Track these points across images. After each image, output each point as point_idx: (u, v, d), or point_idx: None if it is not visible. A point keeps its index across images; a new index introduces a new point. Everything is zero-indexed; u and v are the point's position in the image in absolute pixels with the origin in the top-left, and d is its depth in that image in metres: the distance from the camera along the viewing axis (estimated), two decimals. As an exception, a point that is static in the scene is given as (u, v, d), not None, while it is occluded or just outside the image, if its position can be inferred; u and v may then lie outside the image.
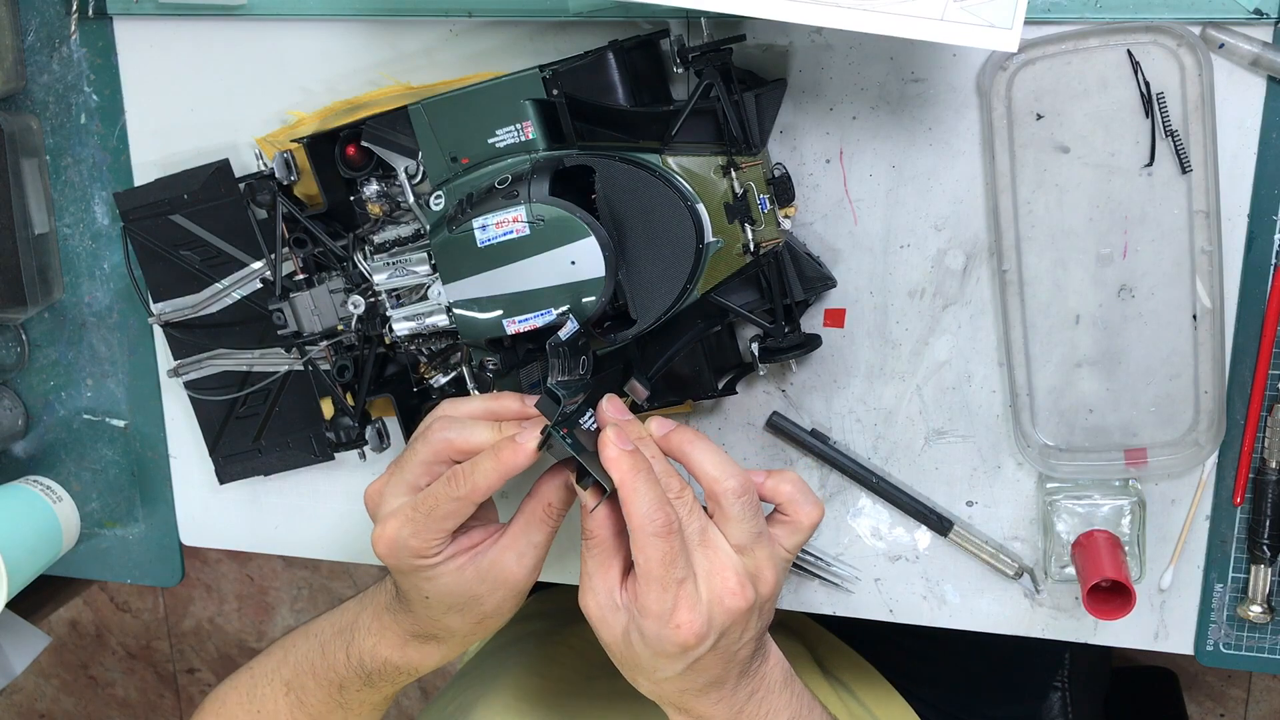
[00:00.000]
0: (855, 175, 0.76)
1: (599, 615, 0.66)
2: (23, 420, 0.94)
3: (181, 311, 0.84)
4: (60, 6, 0.85)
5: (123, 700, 2.14)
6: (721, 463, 0.65)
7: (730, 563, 0.64)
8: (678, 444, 0.66)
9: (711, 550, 0.64)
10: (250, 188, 0.78)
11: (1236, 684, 1.62)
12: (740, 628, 0.64)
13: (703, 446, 0.65)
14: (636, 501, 0.62)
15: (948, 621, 0.83)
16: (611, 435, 0.63)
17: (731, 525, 0.64)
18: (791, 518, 0.68)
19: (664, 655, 0.64)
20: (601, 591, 0.65)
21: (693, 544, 0.63)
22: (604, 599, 0.65)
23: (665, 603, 0.62)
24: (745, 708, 0.67)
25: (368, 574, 1.90)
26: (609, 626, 0.65)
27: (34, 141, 0.87)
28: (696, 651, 0.63)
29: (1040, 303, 0.74)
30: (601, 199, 0.67)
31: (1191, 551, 0.78)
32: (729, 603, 0.63)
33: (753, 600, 0.64)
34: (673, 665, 0.64)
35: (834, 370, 0.79)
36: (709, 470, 0.64)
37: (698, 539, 0.64)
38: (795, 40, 0.74)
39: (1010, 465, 0.79)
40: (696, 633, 0.62)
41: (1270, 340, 0.73)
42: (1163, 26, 0.68)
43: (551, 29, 0.77)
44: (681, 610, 0.62)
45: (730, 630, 0.64)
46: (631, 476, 0.62)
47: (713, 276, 0.69)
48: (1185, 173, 0.70)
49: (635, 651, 0.65)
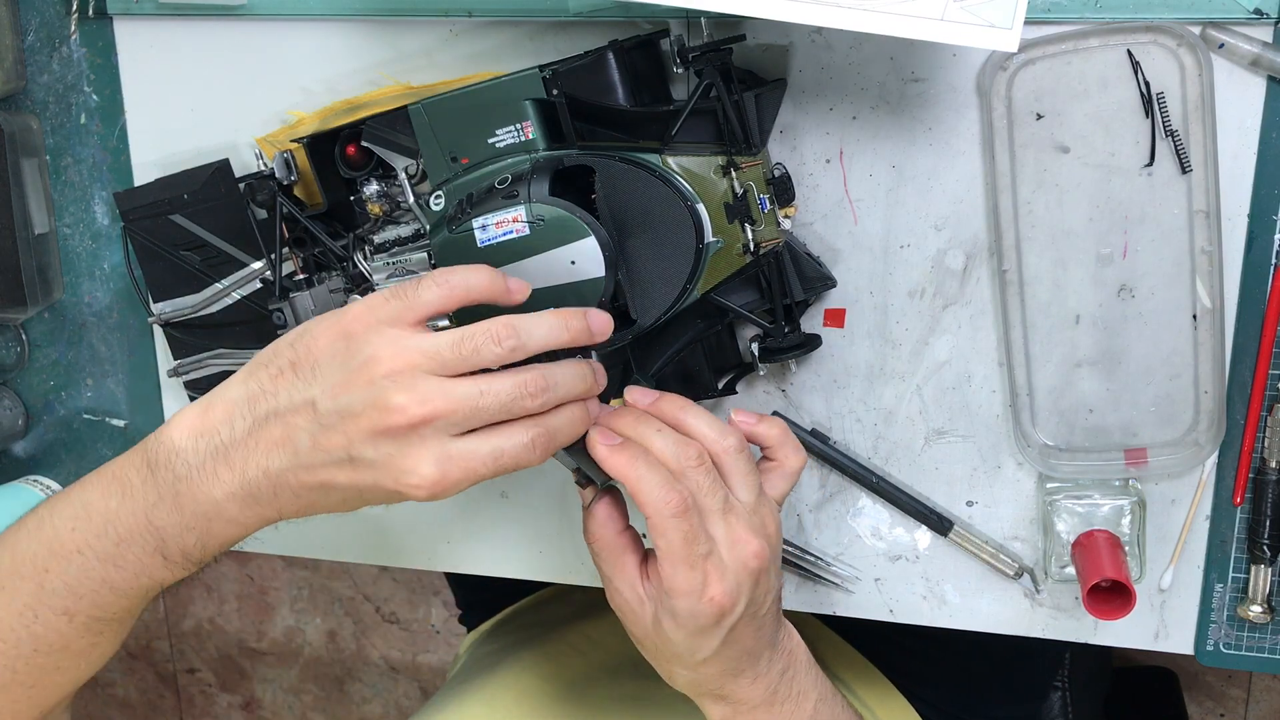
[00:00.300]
0: (855, 175, 0.76)
1: (627, 610, 0.66)
2: (23, 420, 0.94)
3: (181, 311, 0.84)
4: (60, 6, 0.85)
5: (123, 700, 2.14)
6: (715, 423, 0.66)
7: (749, 524, 0.64)
8: (670, 412, 0.66)
9: (732, 516, 0.64)
10: (250, 188, 0.78)
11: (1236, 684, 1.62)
12: (764, 585, 0.65)
13: (694, 410, 0.66)
14: (645, 489, 0.62)
15: (948, 621, 0.83)
16: (596, 435, 0.63)
17: (739, 483, 0.65)
18: (779, 463, 0.69)
19: (701, 631, 0.64)
20: (624, 588, 0.66)
21: (717, 513, 0.63)
22: (628, 594, 0.66)
23: (695, 580, 0.62)
24: (779, 687, 0.68)
25: (368, 574, 1.90)
26: (638, 619, 0.66)
27: (34, 141, 0.87)
28: (732, 618, 0.63)
29: (1040, 303, 0.74)
30: (601, 199, 0.67)
31: (1191, 551, 0.78)
32: (752, 565, 0.64)
33: (769, 554, 0.64)
34: (710, 640, 0.64)
35: (834, 370, 0.79)
36: (706, 432, 0.65)
37: (722, 507, 0.64)
38: (795, 40, 0.74)
39: (1010, 465, 0.79)
40: (731, 599, 0.63)
41: (1270, 340, 0.73)
42: (1163, 26, 0.68)
43: (551, 29, 0.77)
44: (712, 583, 0.62)
45: (756, 590, 0.64)
46: (631, 468, 0.62)
47: (713, 276, 0.69)
48: (1185, 173, 0.70)
49: (669, 637, 0.65)
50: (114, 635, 0.67)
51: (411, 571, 1.87)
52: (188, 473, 0.61)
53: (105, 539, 0.63)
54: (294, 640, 1.98)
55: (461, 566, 0.91)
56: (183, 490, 0.61)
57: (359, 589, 1.92)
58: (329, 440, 0.58)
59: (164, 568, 0.63)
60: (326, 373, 0.58)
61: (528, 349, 0.59)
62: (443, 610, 1.89)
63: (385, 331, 0.58)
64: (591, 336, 0.62)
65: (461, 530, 0.90)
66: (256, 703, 2.06)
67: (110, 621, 0.66)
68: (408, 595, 1.91)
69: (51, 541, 0.64)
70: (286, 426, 0.59)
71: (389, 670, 1.96)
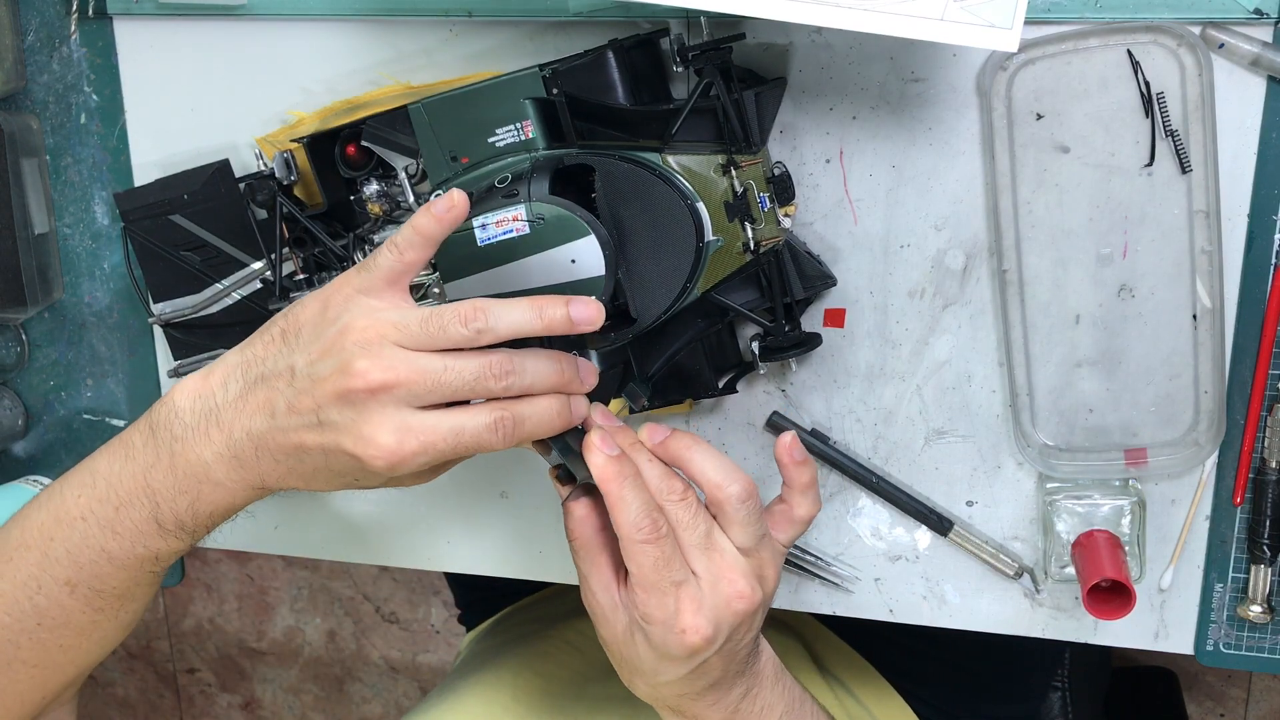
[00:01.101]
0: (855, 175, 0.76)
1: (600, 612, 0.65)
2: (23, 420, 0.94)
3: (182, 312, 0.84)
4: (60, 6, 0.85)
5: (123, 700, 2.14)
6: (723, 467, 0.64)
7: (737, 565, 0.63)
8: (676, 450, 0.65)
9: (717, 554, 0.63)
10: (250, 188, 0.78)
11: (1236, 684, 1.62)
12: (745, 628, 0.64)
13: (702, 451, 0.64)
14: (623, 510, 0.61)
15: (948, 621, 0.83)
16: (596, 439, 0.62)
17: (736, 529, 0.64)
18: (790, 507, 0.67)
19: (669, 659, 0.63)
20: (599, 589, 0.65)
21: (698, 548, 0.63)
22: (603, 597, 0.65)
23: (667, 608, 0.61)
24: (740, 706, 0.67)
25: (368, 574, 1.91)
26: (609, 624, 0.65)
27: (34, 141, 0.87)
28: (704, 655, 0.63)
29: (1040, 303, 0.74)
30: (601, 198, 0.67)
31: (1191, 551, 0.78)
32: (737, 606, 0.63)
33: (759, 601, 0.64)
34: (677, 669, 0.64)
35: (834, 370, 0.79)
36: (711, 475, 0.64)
37: (703, 543, 0.63)
38: (795, 40, 0.74)
39: (1010, 465, 0.79)
40: (705, 637, 0.62)
41: (1270, 340, 0.73)
42: (1163, 26, 0.68)
43: (551, 29, 0.77)
44: (685, 614, 0.61)
45: (736, 632, 0.64)
46: (617, 484, 0.61)
47: (713, 275, 0.69)
48: (1185, 173, 0.70)
49: (638, 653, 0.64)
50: (113, 614, 0.69)
51: (411, 571, 1.87)
52: (184, 433, 0.63)
53: (106, 504, 0.65)
54: (294, 640, 1.98)
55: (461, 566, 0.91)
56: (177, 451, 0.63)
57: (359, 589, 1.92)
58: (300, 402, 0.60)
59: (159, 535, 0.65)
60: (306, 340, 0.61)
61: (495, 333, 0.59)
62: (443, 610, 1.89)
63: (360, 301, 0.60)
64: (572, 325, 0.61)
65: (461, 530, 0.90)
66: (256, 703, 2.06)
67: (110, 596, 0.67)
68: (408, 595, 1.91)
69: (58, 509, 0.66)
70: (269, 390, 0.61)
71: (389, 670, 1.96)
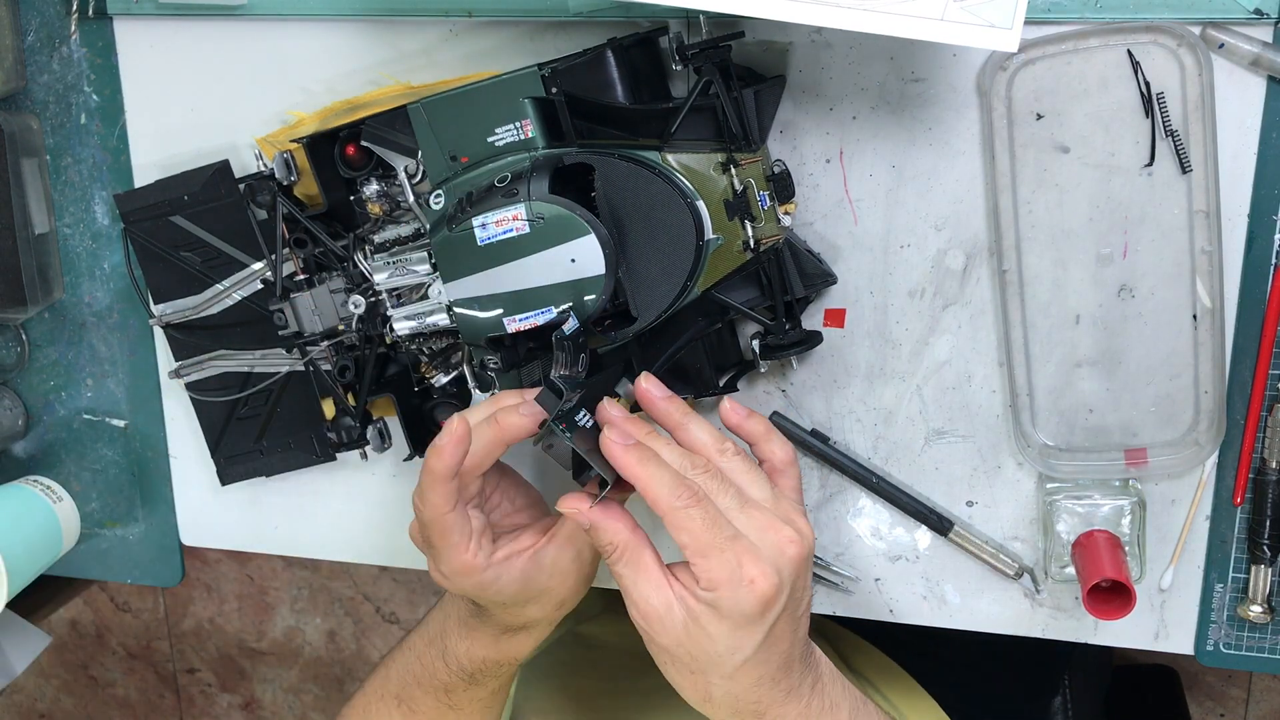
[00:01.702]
0: (855, 175, 0.76)
1: (654, 617, 0.63)
2: (23, 420, 0.94)
3: (182, 313, 0.84)
4: (60, 6, 0.85)
5: (123, 700, 2.14)
6: (714, 431, 0.66)
7: (776, 514, 0.63)
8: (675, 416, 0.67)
9: (755, 509, 0.63)
10: (250, 188, 0.78)
11: (1236, 684, 1.62)
12: (802, 579, 0.64)
13: (696, 419, 0.67)
14: (657, 485, 0.61)
15: (948, 621, 0.83)
16: (614, 433, 0.63)
17: (746, 483, 0.65)
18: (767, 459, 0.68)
19: (744, 625, 0.61)
20: (651, 591, 0.63)
21: (735, 509, 0.63)
22: (655, 599, 0.63)
23: (729, 564, 0.61)
24: (812, 700, 0.66)
25: (368, 574, 1.91)
26: (667, 626, 0.63)
27: (34, 141, 0.87)
28: (775, 608, 0.61)
29: (1040, 303, 0.74)
30: (601, 197, 0.67)
31: (1191, 551, 0.78)
32: (790, 551, 0.62)
33: (807, 544, 0.63)
34: (753, 635, 0.62)
35: (834, 370, 0.79)
36: (707, 440, 0.66)
37: (738, 504, 0.63)
38: (795, 39, 0.74)
39: (1010, 465, 0.79)
40: (773, 583, 0.61)
41: (1270, 340, 0.73)
42: (1163, 26, 0.68)
43: (551, 29, 0.77)
44: (748, 565, 0.61)
45: (796, 582, 0.63)
46: (642, 466, 0.62)
47: (713, 274, 0.69)
48: (1185, 173, 0.70)
49: (708, 636, 0.62)
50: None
51: (411, 571, 1.87)
52: None
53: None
54: (294, 640, 1.98)
55: (461, 566, 0.91)
56: None
57: (359, 589, 1.92)
58: None
59: None
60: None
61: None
62: (443, 610, 1.89)
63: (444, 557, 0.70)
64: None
65: (461, 530, 0.90)
66: (256, 703, 2.06)
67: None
68: (407, 595, 1.91)
69: None
70: None
71: (389, 671, 1.95)
